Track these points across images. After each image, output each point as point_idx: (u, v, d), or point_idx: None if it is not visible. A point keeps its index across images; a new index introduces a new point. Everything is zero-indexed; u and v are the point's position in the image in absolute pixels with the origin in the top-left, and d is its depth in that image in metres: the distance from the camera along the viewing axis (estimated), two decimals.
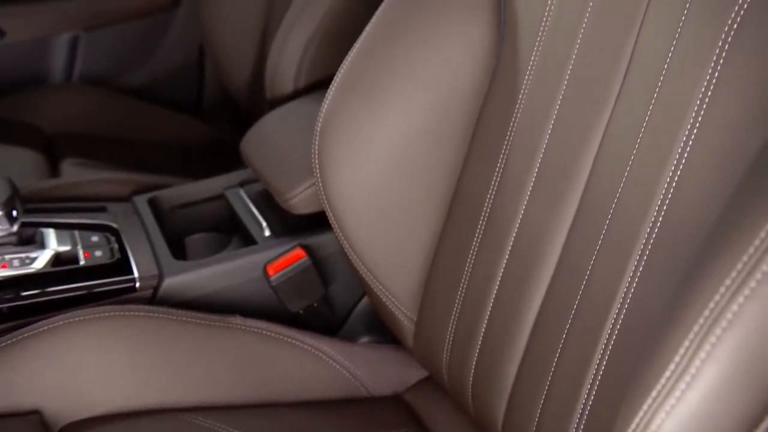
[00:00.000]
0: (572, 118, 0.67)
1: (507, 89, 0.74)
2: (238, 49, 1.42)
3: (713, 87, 0.55)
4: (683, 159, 0.56)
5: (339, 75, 0.81)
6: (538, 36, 0.70)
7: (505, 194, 0.72)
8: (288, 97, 1.15)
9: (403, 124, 0.78)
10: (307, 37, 1.12)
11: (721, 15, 0.55)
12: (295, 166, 0.96)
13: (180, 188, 1.13)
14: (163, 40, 1.65)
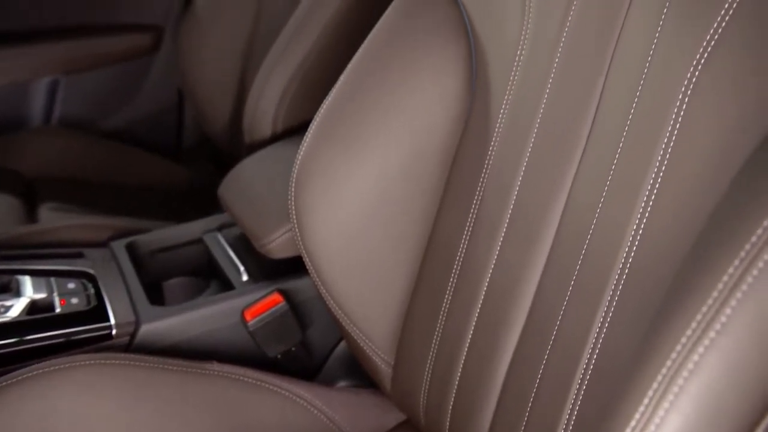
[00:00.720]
0: (542, 165, 0.68)
1: (479, 136, 0.75)
2: (217, 92, 1.43)
3: (674, 140, 0.56)
4: (648, 207, 0.57)
5: (315, 122, 0.82)
6: (509, 84, 0.72)
7: (478, 239, 0.73)
8: (266, 142, 1.16)
9: (378, 170, 0.79)
10: (285, 82, 1.13)
11: (681, 70, 0.56)
12: (272, 211, 0.97)
13: (158, 233, 1.13)
14: (142, 84, 1.67)
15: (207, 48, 1.47)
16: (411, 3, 0.81)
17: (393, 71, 0.79)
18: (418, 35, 0.79)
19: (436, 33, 0.78)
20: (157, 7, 1.62)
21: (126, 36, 1.60)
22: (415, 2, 0.80)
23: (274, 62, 1.17)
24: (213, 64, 1.46)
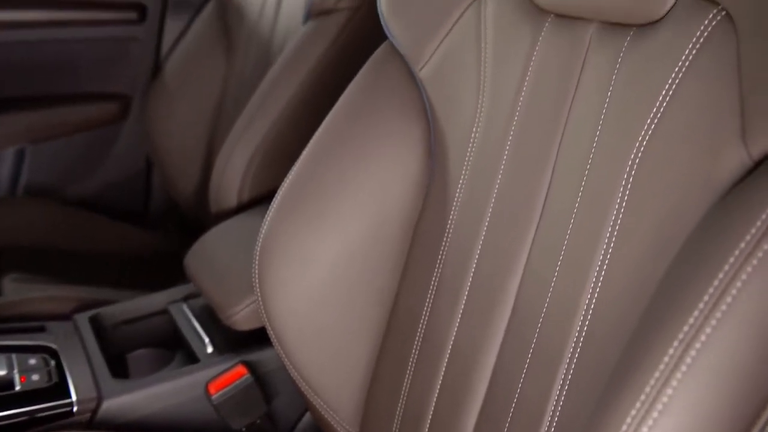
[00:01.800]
0: (500, 237, 0.70)
1: (439, 210, 0.77)
2: (185, 160, 1.44)
3: (623, 212, 0.58)
4: (601, 277, 0.59)
5: (278, 196, 0.83)
6: (465, 160, 0.74)
7: (441, 308, 0.74)
8: (232, 211, 1.17)
9: (340, 244, 0.80)
10: (251, 153, 1.15)
11: (627, 145, 0.59)
12: (237, 283, 0.97)
13: (123, 304, 1.13)
14: (110, 151, 1.67)
15: (175, 116, 1.49)
16: (372, 81, 0.83)
17: (354, 147, 0.81)
18: (379, 112, 0.82)
19: (396, 110, 0.81)
20: (125, 76, 1.64)
21: (93, 105, 1.62)
22: (376, 80, 0.83)
23: (240, 133, 1.18)
24: (181, 131, 1.47)
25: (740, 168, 0.51)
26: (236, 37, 1.43)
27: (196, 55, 1.50)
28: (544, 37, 0.68)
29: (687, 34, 0.55)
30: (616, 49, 0.61)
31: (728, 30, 0.53)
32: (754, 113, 0.50)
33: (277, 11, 1.32)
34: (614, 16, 0.62)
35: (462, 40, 0.75)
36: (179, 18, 1.63)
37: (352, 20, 1.15)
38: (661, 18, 0.58)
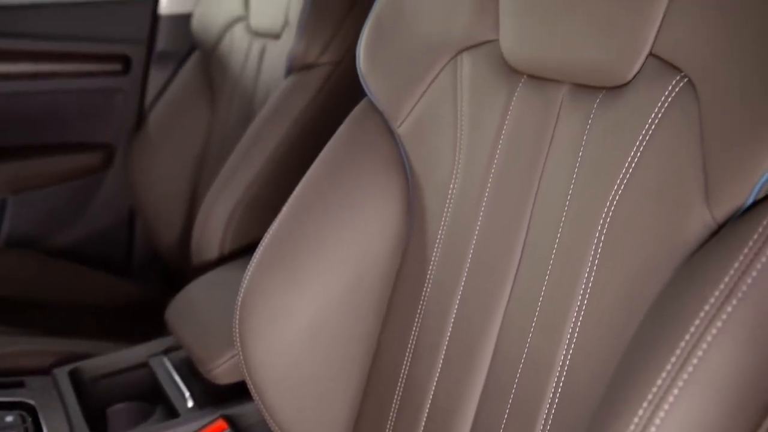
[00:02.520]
0: (477, 292, 0.71)
1: (417, 265, 0.78)
2: (168, 210, 1.45)
3: (596, 269, 0.59)
4: (576, 333, 0.60)
5: (260, 249, 0.84)
6: (443, 216, 0.75)
7: (421, 360, 0.75)
8: (214, 263, 1.18)
9: (320, 297, 0.81)
10: (233, 204, 1.16)
11: (597, 204, 0.60)
12: (217, 336, 0.97)
13: (103, 357, 1.12)
14: (93, 201, 1.67)
15: (158, 166, 1.50)
16: (352, 136, 0.85)
17: (334, 202, 0.82)
18: (359, 167, 0.83)
19: (376, 165, 0.82)
20: (109, 126, 1.65)
21: (76, 155, 1.62)
22: (356, 136, 0.84)
23: (222, 185, 1.19)
24: (164, 182, 1.48)
25: (705, 230, 0.52)
26: (220, 88, 1.45)
27: (179, 106, 1.52)
28: (518, 97, 0.70)
29: (653, 99, 0.57)
30: (587, 110, 0.63)
31: (691, 96, 0.54)
32: (716, 177, 0.51)
33: (259, 64, 1.34)
34: (584, 79, 0.64)
35: (439, 98, 0.76)
36: (163, 69, 1.65)
37: (333, 74, 1.17)
38: (628, 82, 0.60)
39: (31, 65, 1.56)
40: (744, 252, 0.47)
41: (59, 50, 1.57)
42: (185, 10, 1.63)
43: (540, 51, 0.67)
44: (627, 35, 0.59)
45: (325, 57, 1.17)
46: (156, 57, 1.64)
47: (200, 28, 1.53)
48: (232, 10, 1.45)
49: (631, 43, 0.59)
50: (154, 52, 1.64)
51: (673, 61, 0.56)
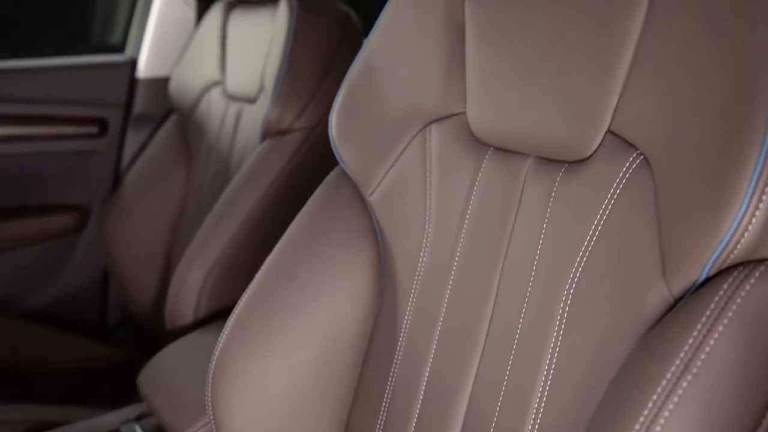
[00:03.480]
0: (447, 360, 0.72)
1: (389, 332, 0.78)
2: (143, 272, 1.45)
3: (560, 342, 0.61)
4: (542, 407, 0.61)
5: (233, 316, 0.84)
6: (414, 284, 0.77)
7: (393, 426, 0.75)
8: (188, 327, 1.17)
9: (293, 365, 0.81)
10: (208, 269, 1.16)
11: (561, 279, 0.62)
12: (190, 404, 0.96)
13: (75, 426, 1.10)
14: (67, 263, 1.67)
15: (133, 228, 1.50)
16: (325, 204, 0.86)
17: (307, 270, 0.83)
18: (331, 235, 0.84)
19: (348, 233, 0.83)
20: (84, 188, 1.66)
21: (51, 217, 1.62)
22: (329, 204, 0.86)
23: (197, 248, 1.20)
24: (139, 244, 1.48)
25: (663, 303, 0.54)
26: (196, 152, 1.47)
27: (155, 169, 1.53)
28: (485, 168, 0.72)
29: (611, 175, 0.59)
30: (550, 183, 0.65)
31: (646, 173, 0.56)
32: (671, 253, 0.53)
33: (235, 128, 1.36)
34: (547, 152, 0.66)
35: (408, 168, 0.78)
36: (140, 132, 1.66)
37: (307, 139, 1.19)
38: (589, 157, 0.62)
39: (8, 128, 1.57)
40: (697, 328, 0.49)
41: (37, 113, 1.59)
42: (163, 73, 1.65)
43: (505, 124, 0.69)
44: (586, 112, 0.62)
45: (299, 123, 1.19)
46: (133, 119, 1.66)
47: (177, 91, 1.56)
48: (209, 75, 1.48)
49: (590, 120, 0.61)
50: (131, 114, 1.66)
51: (629, 139, 0.58)
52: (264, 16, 1.37)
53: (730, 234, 0.49)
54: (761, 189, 0.47)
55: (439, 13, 0.76)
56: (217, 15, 1.51)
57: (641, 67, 0.58)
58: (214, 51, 1.48)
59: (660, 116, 0.56)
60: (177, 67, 1.58)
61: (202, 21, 1.57)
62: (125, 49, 1.71)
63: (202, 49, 1.51)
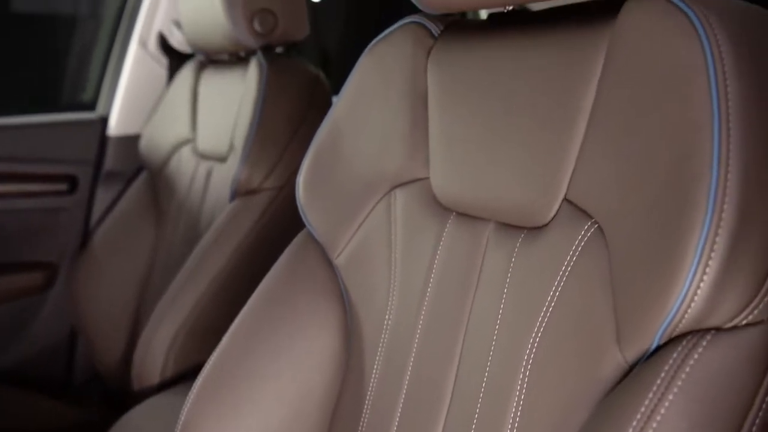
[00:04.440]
0: (413, 421, 0.72)
1: (356, 391, 0.79)
2: (110, 332, 1.44)
3: (520, 411, 0.61)
4: None
5: (199, 380, 0.84)
6: (380, 346, 0.77)
7: None
8: (155, 388, 1.16)
9: (260, 427, 0.81)
10: (176, 329, 1.16)
11: (522, 342, 0.63)
12: None
13: None
14: (34, 321, 1.65)
15: (102, 286, 1.49)
16: (292, 266, 0.87)
17: (274, 334, 0.83)
18: (299, 297, 0.85)
19: (315, 295, 0.84)
20: (52, 245, 1.65)
21: (18, 275, 1.61)
22: (296, 265, 0.86)
23: (165, 308, 1.20)
24: (107, 302, 1.47)
25: (618, 370, 0.55)
26: (166, 209, 1.47)
27: (125, 226, 1.53)
28: (448, 232, 0.73)
29: (568, 242, 0.61)
30: (511, 248, 0.67)
31: (601, 241, 0.58)
32: (624, 321, 0.54)
33: (206, 186, 1.37)
34: (507, 218, 0.68)
35: (374, 231, 0.79)
36: (110, 189, 1.67)
37: (276, 199, 1.21)
38: (547, 223, 0.64)
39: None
40: (649, 397, 0.50)
41: (6, 171, 1.58)
42: (134, 131, 1.66)
43: (466, 190, 0.71)
44: (543, 180, 0.64)
45: (268, 182, 1.21)
46: (103, 176, 1.67)
47: (148, 149, 1.57)
48: (180, 133, 1.49)
49: (546, 188, 0.63)
50: (101, 171, 1.67)
51: (584, 208, 0.60)
52: (235, 76, 1.39)
53: (678, 304, 0.50)
54: (705, 261, 0.49)
55: (403, 79, 0.79)
56: (188, 74, 1.54)
57: (594, 138, 0.60)
58: (185, 109, 1.49)
59: (611, 186, 0.58)
60: (148, 124, 1.59)
61: (174, 79, 1.59)
62: (96, 107, 1.72)
63: (174, 108, 1.53)
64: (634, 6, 0.59)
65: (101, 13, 1.80)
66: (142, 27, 1.64)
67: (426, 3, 0.73)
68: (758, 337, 0.51)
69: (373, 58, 0.82)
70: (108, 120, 1.67)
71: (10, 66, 1.81)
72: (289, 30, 1.31)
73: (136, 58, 1.65)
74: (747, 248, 0.49)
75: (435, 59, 0.77)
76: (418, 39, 0.78)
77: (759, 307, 0.50)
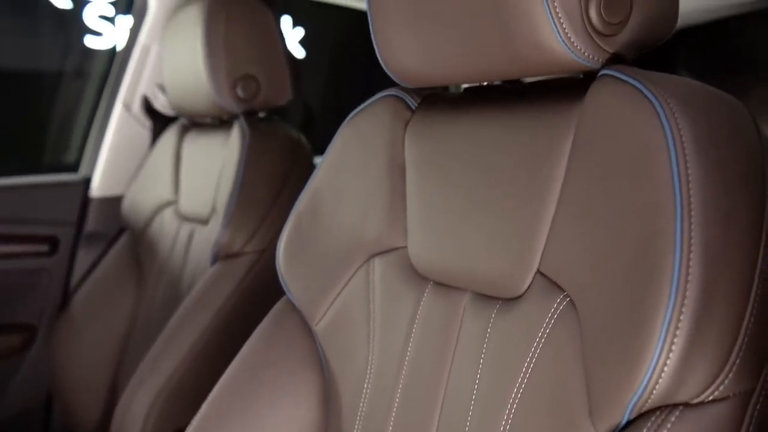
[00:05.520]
0: None
1: None
2: (88, 395, 1.42)
3: None
4: None
5: None
6: (358, 414, 0.77)
7: None
8: None
9: None
10: (154, 394, 1.15)
11: (498, 412, 0.63)
12: None
13: None
14: (10, 384, 1.62)
15: (81, 349, 1.48)
16: (272, 333, 0.87)
17: (253, 402, 0.83)
18: (278, 364, 0.85)
19: (294, 362, 0.84)
20: (31, 306, 1.64)
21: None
22: (276, 332, 0.87)
23: (145, 373, 1.19)
24: (86, 365, 1.46)
25: None
26: (147, 271, 1.47)
27: (106, 288, 1.52)
28: (426, 301, 0.74)
29: (542, 314, 0.62)
30: (487, 318, 0.68)
31: (573, 314, 0.59)
32: (596, 395, 0.55)
33: (187, 248, 1.38)
34: (483, 289, 0.69)
35: (353, 299, 0.80)
36: (92, 250, 1.67)
37: (257, 263, 1.21)
38: (521, 295, 0.65)
39: None
40: None
41: None
42: (116, 192, 1.67)
43: (443, 261, 0.72)
44: (517, 252, 0.65)
45: (249, 246, 1.21)
46: (85, 237, 1.67)
47: (131, 210, 1.58)
48: (163, 195, 1.50)
49: (520, 260, 0.65)
50: (83, 233, 1.67)
51: (556, 281, 0.62)
52: (217, 139, 1.41)
53: (646, 379, 0.51)
54: (671, 338, 0.50)
55: (381, 150, 0.80)
56: (171, 136, 1.56)
57: (565, 212, 0.62)
58: (168, 171, 1.51)
59: (581, 261, 0.59)
60: (131, 186, 1.60)
61: (157, 142, 1.61)
62: (79, 168, 1.73)
63: (157, 169, 1.54)
64: (600, 87, 0.62)
65: (88, 70, 1.82)
66: (127, 90, 1.66)
67: (403, 77, 0.76)
68: (725, 412, 0.52)
69: (352, 128, 0.84)
70: (91, 181, 1.68)
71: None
72: (271, 96, 1.33)
73: (121, 121, 1.67)
74: (711, 325, 0.51)
75: (412, 131, 0.79)
76: (396, 111, 0.81)
77: (725, 383, 0.51)
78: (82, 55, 1.84)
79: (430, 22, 0.69)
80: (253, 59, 1.32)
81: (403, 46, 0.72)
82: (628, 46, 0.63)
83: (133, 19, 1.67)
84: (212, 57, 1.30)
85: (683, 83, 0.58)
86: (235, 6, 1.34)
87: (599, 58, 0.62)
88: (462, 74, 0.71)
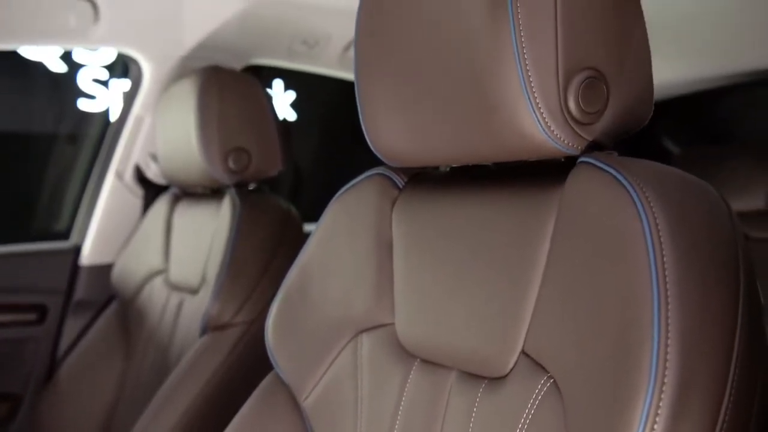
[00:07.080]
0: None
1: None
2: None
3: None
4: None
5: None
6: None
7: None
8: None
9: None
10: None
11: None
12: None
13: None
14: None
15: (66, 419, 1.47)
16: (259, 411, 0.87)
17: None
18: None
19: None
20: (17, 375, 1.62)
21: None
22: (263, 410, 0.87)
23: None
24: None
25: None
26: (136, 340, 1.47)
27: (93, 357, 1.52)
28: (413, 379, 0.75)
29: (526, 394, 0.63)
30: (472, 397, 0.68)
31: (557, 395, 0.60)
32: None
33: (176, 318, 1.38)
34: (469, 368, 0.70)
35: (341, 375, 0.81)
36: (80, 318, 1.66)
37: (246, 334, 1.22)
38: (506, 375, 0.66)
39: None
40: None
41: None
42: (106, 260, 1.68)
43: (429, 339, 0.73)
44: (502, 333, 0.66)
45: (238, 317, 1.22)
46: (73, 305, 1.66)
47: (120, 278, 1.58)
48: (153, 263, 1.51)
49: (505, 341, 0.66)
50: (71, 300, 1.67)
51: (540, 362, 0.63)
52: (208, 209, 1.43)
53: None
54: (650, 425, 0.51)
55: (368, 228, 0.82)
56: (163, 205, 1.57)
57: (548, 294, 0.64)
58: (159, 240, 1.52)
59: (564, 343, 0.60)
60: (121, 254, 1.61)
61: (149, 211, 1.62)
62: (70, 236, 1.74)
63: (147, 238, 1.55)
64: (579, 173, 0.64)
65: (81, 134, 1.84)
66: (119, 159, 1.69)
67: (389, 158, 0.78)
68: None
69: (340, 205, 0.86)
70: (81, 249, 1.69)
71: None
72: (262, 168, 1.36)
73: (113, 189, 1.68)
74: (689, 414, 0.52)
75: (399, 209, 0.81)
76: (383, 190, 0.83)
77: None
78: (75, 118, 1.87)
79: (415, 106, 0.71)
80: (244, 132, 1.35)
81: (389, 128, 0.75)
82: (606, 134, 0.65)
83: (128, 90, 1.70)
84: (205, 129, 1.33)
85: (658, 170, 0.61)
86: (228, 81, 1.37)
87: (578, 145, 0.64)
88: (447, 156, 0.73)
